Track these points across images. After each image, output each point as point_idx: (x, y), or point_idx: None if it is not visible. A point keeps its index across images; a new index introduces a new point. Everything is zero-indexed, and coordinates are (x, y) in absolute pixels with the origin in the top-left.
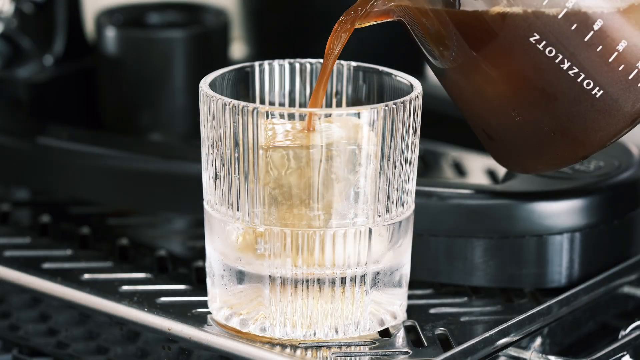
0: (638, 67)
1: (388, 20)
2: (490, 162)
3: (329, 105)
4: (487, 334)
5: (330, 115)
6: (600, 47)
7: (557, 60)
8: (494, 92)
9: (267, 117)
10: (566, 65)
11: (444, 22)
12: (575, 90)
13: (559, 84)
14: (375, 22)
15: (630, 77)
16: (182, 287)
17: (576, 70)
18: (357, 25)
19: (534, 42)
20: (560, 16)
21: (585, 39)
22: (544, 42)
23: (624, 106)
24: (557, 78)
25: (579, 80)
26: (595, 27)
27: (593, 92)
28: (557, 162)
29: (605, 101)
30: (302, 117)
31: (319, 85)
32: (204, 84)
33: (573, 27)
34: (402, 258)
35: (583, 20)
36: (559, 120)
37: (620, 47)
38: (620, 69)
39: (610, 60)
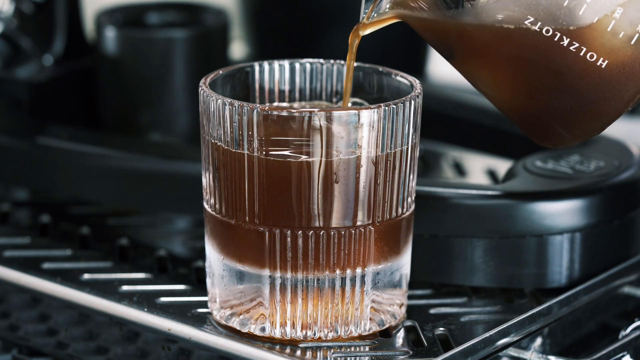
0: (639, 31)
1: (391, 22)
2: (490, 162)
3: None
4: (487, 334)
5: (330, 115)
6: (597, 17)
7: (556, 39)
8: (504, 79)
9: (267, 117)
10: (566, 42)
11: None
12: (580, 64)
13: (562, 61)
14: (378, 27)
15: (632, 42)
16: (182, 287)
17: (577, 45)
18: (361, 33)
19: (529, 24)
20: None
21: (580, 13)
22: (539, 23)
23: (631, 72)
24: (560, 56)
25: (581, 54)
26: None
27: (598, 63)
28: (582, 135)
29: (611, 69)
30: (302, 117)
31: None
32: (204, 84)
33: (565, 3)
34: (402, 258)
35: None
36: (571, 95)
37: (617, 15)
38: (620, 36)
39: (609, 29)
